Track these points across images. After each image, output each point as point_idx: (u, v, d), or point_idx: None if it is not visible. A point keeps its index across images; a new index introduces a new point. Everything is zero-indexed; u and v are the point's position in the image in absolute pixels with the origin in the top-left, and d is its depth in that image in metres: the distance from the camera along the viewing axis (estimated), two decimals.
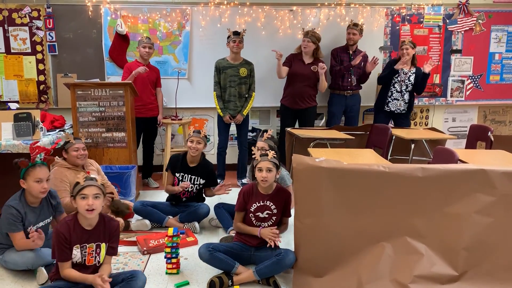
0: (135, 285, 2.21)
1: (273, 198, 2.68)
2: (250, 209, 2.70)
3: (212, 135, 5.20)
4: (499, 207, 2.30)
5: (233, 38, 4.28)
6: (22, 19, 4.74)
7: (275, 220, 2.70)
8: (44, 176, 2.58)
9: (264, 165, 2.58)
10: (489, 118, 5.62)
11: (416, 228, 2.36)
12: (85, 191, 2.15)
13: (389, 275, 2.31)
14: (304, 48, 4.51)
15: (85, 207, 2.14)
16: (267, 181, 2.60)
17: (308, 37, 4.47)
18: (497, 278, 2.32)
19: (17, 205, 2.55)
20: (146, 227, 3.36)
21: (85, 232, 2.22)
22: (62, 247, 2.16)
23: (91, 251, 2.23)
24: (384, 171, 2.32)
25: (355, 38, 4.69)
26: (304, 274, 2.43)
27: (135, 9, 4.81)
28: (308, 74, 4.55)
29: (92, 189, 2.17)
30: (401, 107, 4.67)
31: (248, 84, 4.47)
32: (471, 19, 5.23)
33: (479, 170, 2.31)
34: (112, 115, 3.94)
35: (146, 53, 4.39)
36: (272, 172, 2.60)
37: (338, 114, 4.90)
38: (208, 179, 3.50)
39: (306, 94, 4.61)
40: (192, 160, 3.45)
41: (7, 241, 2.60)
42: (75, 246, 2.19)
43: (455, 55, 5.32)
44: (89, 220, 2.22)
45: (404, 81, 4.59)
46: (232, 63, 4.40)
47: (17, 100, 4.85)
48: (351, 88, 4.79)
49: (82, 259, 2.22)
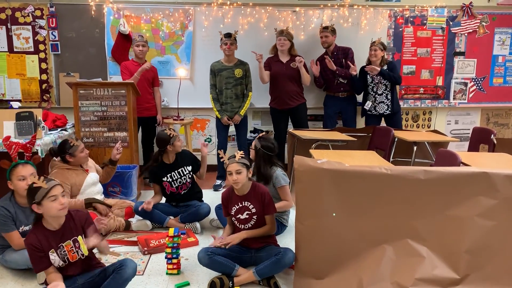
0: (124, 273, 2.20)
1: (250, 197, 2.65)
2: (231, 213, 2.69)
3: (214, 136, 5.20)
4: (502, 211, 2.28)
5: (225, 41, 4.29)
6: (25, 18, 4.76)
7: (256, 220, 2.65)
8: (27, 173, 2.56)
9: (233, 168, 2.57)
10: (492, 121, 5.60)
11: (418, 231, 2.34)
12: (53, 192, 2.09)
13: (390, 278, 2.29)
14: (281, 46, 4.52)
15: (58, 208, 2.09)
16: (238, 183, 2.58)
17: (283, 36, 4.48)
18: (499, 282, 2.31)
19: (7, 205, 2.54)
20: (147, 227, 3.36)
21: (54, 233, 2.17)
22: (37, 258, 2.12)
23: (70, 248, 2.19)
24: (386, 173, 2.31)
25: (328, 40, 4.68)
26: (305, 276, 2.42)
27: (138, 9, 4.82)
28: (289, 72, 4.55)
29: (58, 188, 2.12)
30: (388, 108, 4.62)
31: (244, 85, 4.46)
32: (474, 21, 5.22)
33: (482, 173, 2.29)
34: (114, 114, 3.94)
35: (140, 52, 4.38)
36: (242, 173, 2.58)
37: (333, 116, 4.90)
38: (193, 163, 3.53)
39: (292, 92, 4.60)
40: (169, 158, 3.45)
41: (4, 241, 2.60)
42: (50, 251, 2.14)
43: (458, 57, 5.31)
44: (57, 220, 2.17)
45: (380, 82, 4.56)
46: (226, 65, 4.40)
47: (19, 99, 4.87)
48: (345, 90, 4.78)
49: (64, 258, 2.17)
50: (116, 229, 3.26)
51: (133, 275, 2.25)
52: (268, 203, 2.64)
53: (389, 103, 4.60)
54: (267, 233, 2.68)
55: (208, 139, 5.28)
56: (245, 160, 2.63)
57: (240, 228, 2.68)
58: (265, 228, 2.67)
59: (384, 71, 4.47)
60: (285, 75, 4.55)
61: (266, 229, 2.67)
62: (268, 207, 2.65)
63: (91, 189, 3.35)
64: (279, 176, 3.13)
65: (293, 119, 4.75)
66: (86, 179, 3.32)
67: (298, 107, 4.66)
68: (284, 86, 4.57)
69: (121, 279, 2.20)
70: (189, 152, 3.62)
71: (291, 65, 4.54)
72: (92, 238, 2.23)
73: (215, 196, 4.14)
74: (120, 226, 3.29)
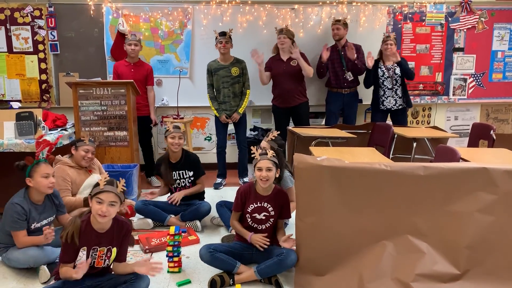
0: (138, 286, 2.19)
1: (271, 199, 2.64)
2: (247, 210, 2.67)
3: (213, 134, 5.20)
4: (501, 206, 2.29)
5: (220, 39, 4.27)
6: (24, 18, 4.76)
7: (272, 223, 2.65)
8: (50, 171, 2.62)
9: (264, 164, 2.56)
10: (491, 117, 5.60)
11: (418, 227, 2.35)
12: (102, 196, 2.10)
13: (391, 274, 2.30)
14: (281, 44, 4.49)
15: (97, 212, 2.09)
16: (267, 180, 2.57)
17: (283, 34, 4.46)
18: (499, 277, 2.32)
19: (22, 202, 2.56)
20: (148, 225, 3.37)
21: (96, 235, 2.18)
22: (68, 249, 2.13)
23: (101, 254, 2.20)
24: (386, 170, 2.32)
25: (339, 32, 4.68)
26: (306, 273, 2.43)
27: (136, 8, 4.81)
28: (290, 71, 4.53)
29: (109, 196, 2.11)
30: (396, 103, 4.64)
31: (241, 83, 4.46)
32: (473, 17, 5.22)
33: (481, 168, 2.30)
34: (114, 114, 3.94)
35: (132, 51, 4.37)
36: (272, 171, 2.58)
37: (336, 112, 4.90)
38: (195, 169, 3.51)
39: (294, 91, 4.59)
40: (175, 156, 3.46)
41: (9, 241, 2.60)
42: (82, 248, 2.14)
43: (458, 53, 5.31)
44: (102, 224, 2.17)
45: (392, 77, 4.57)
46: (223, 64, 4.39)
47: (19, 99, 4.87)
48: (348, 86, 4.78)
49: (92, 261, 2.17)
50: None
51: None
52: (287, 210, 2.68)
53: (398, 98, 4.61)
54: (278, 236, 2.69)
55: (208, 138, 5.29)
56: (276, 159, 2.63)
57: (253, 227, 2.67)
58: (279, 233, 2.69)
59: (404, 61, 4.51)
60: (286, 74, 4.54)
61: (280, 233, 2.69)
62: (286, 213, 2.69)
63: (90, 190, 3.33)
64: (287, 178, 3.18)
65: (294, 118, 4.75)
66: (87, 179, 3.32)
67: (300, 105, 4.65)
68: (285, 84, 4.56)
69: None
70: (197, 158, 3.56)
71: (291, 63, 4.54)
72: (142, 268, 2.22)
73: (216, 195, 4.15)
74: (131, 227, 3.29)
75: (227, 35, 4.29)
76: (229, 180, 4.68)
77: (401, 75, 4.57)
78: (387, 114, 4.75)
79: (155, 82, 4.92)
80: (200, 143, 5.28)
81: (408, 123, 5.43)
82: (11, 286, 2.50)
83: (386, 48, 4.52)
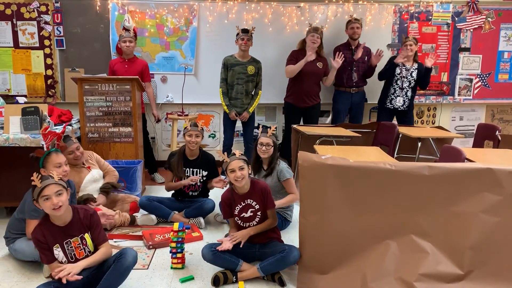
0: (125, 261, 2.20)
1: (252, 194, 2.65)
2: (235, 213, 2.68)
3: (218, 131, 5.21)
4: (506, 207, 2.28)
5: (242, 36, 4.26)
6: (31, 13, 4.77)
7: (260, 216, 2.65)
8: (62, 160, 2.67)
9: (236, 164, 2.56)
10: (497, 117, 5.58)
11: (422, 227, 2.35)
12: (45, 192, 2.08)
13: (394, 273, 2.30)
14: (313, 43, 4.45)
15: (51, 207, 2.08)
16: (243, 179, 2.57)
17: (318, 33, 4.44)
18: (503, 278, 2.31)
19: None
20: (152, 221, 3.38)
21: (60, 229, 2.18)
22: (43, 251, 2.14)
23: (77, 244, 2.21)
24: (391, 169, 2.31)
25: (359, 31, 4.67)
26: (309, 271, 2.43)
27: (142, 5, 4.82)
28: (315, 72, 4.54)
29: (52, 188, 2.09)
30: (404, 104, 4.63)
31: (255, 82, 4.46)
32: (480, 17, 5.19)
33: (486, 169, 2.29)
34: (119, 110, 3.95)
35: (126, 48, 4.36)
36: (245, 169, 2.58)
37: (343, 111, 4.89)
38: (210, 170, 3.51)
39: (313, 92, 4.61)
40: (192, 153, 3.46)
41: (21, 229, 2.62)
42: (54, 246, 2.15)
43: (464, 53, 5.28)
44: (61, 217, 2.17)
45: (406, 77, 4.56)
46: (240, 60, 4.39)
47: (25, 94, 4.89)
48: (357, 85, 4.77)
49: (70, 255, 2.19)
50: (121, 223, 3.28)
51: (134, 263, 2.25)
52: (268, 197, 2.65)
53: (407, 100, 4.61)
54: (270, 226, 2.68)
55: (212, 135, 5.29)
56: (244, 157, 2.64)
57: (245, 227, 2.68)
58: (268, 222, 2.67)
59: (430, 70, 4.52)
60: (311, 74, 4.53)
61: (269, 222, 2.68)
62: (269, 202, 2.66)
63: (92, 186, 3.33)
64: (284, 169, 3.16)
65: (306, 118, 4.75)
66: (87, 176, 3.31)
67: (314, 106, 4.67)
68: (306, 84, 4.56)
69: (122, 268, 2.20)
70: (213, 159, 3.55)
71: (317, 64, 4.53)
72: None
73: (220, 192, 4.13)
74: (125, 221, 3.30)
75: (249, 32, 4.28)
76: None
77: (416, 79, 4.57)
78: (394, 113, 4.74)
79: (160, 78, 4.93)
80: (204, 140, 5.29)
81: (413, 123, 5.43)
82: (15, 280, 2.51)
83: (406, 49, 4.51)
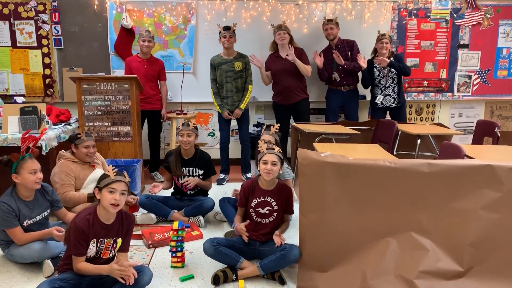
0: (141, 279, 2.19)
1: (274, 194, 2.66)
2: (251, 205, 2.69)
3: (217, 130, 5.20)
4: (506, 203, 2.28)
5: (224, 33, 4.27)
6: (28, 13, 4.76)
7: (276, 217, 2.67)
8: (37, 167, 2.58)
9: (270, 158, 2.57)
10: (496, 114, 5.58)
11: (422, 224, 2.34)
12: (114, 185, 2.15)
13: (394, 271, 2.30)
14: (281, 40, 4.46)
15: (111, 201, 2.13)
16: (271, 174, 2.58)
17: (283, 30, 4.44)
18: (502, 274, 2.31)
19: (9, 201, 2.52)
20: (152, 220, 3.38)
21: (103, 227, 2.21)
22: (79, 242, 2.14)
23: (108, 245, 2.24)
24: (390, 166, 2.31)
25: (333, 32, 4.64)
26: (309, 269, 2.43)
27: (140, 3, 4.81)
28: (289, 68, 4.50)
29: (121, 185, 2.17)
30: (394, 102, 4.61)
31: (244, 78, 4.45)
32: (479, 13, 5.18)
33: (486, 165, 2.28)
34: (118, 109, 3.95)
35: (145, 47, 4.37)
36: (277, 166, 2.59)
37: (335, 109, 4.88)
38: (206, 168, 3.50)
39: (293, 87, 4.57)
40: (187, 153, 3.45)
41: (7, 237, 2.59)
42: (92, 240, 2.18)
43: (462, 50, 5.28)
44: (109, 215, 2.22)
45: (388, 75, 4.55)
46: (226, 58, 4.38)
47: (23, 93, 4.89)
48: (347, 83, 4.76)
49: (98, 253, 2.21)
50: None
51: (148, 283, 2.25)
52: (290, 203, 2.71)
53: (396, 96, 4.59)
54: (285, 231, 2.73)
55: (211, 133, 5.29)
56: (281, 155, 2.65)
57: (256, 221, 2.69)
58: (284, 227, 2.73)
59: (394, 63, 4.45)
60: (285, 71, 4.52)
61: (285, 227, 2.74)
62: (290, 208, 2.73)
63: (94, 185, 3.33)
64: (285, 169, 3.17)
65: (295, 114, 4.73)
66: (91, 174, 3.32)
67: (301, 102, 4.64)
68: (285, 81, 4.55)
69: (136, 286, 2.16)
70: (209, 158, 3.54)
71: (290, 60, 4.53)
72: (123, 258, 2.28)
73: (219, 190, 4.16)
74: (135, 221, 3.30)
75: (231, 29, 4.28)
76: (232, 176, 4.68)
77: (397, 73, 4.55)
78: (386, 111, 4.75)
79: None
80: (203, 139, 5.28)
81: (412, 120, 5.44)
82: (15, 280, 2.51)
83: (381, 47, 4.49)
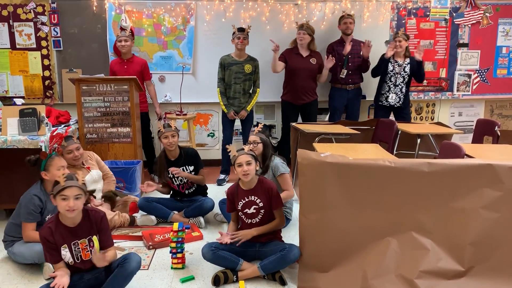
0: (129, 267, 2.21)
1: (257, 191, 2.64)
2: (238, 208, 2.68)
3: (216, 130, 5.20)
4: (506, 202, 2.28)
5: (238, 35, 4.26)
6: (27, 14, 4.75)
7: (264, 214, 2.64)
8: (64, 163, 2.72)
9: (243, 159, 2.56)
10: (496, 113, 5.57)
11: (422, 224, 2.34)
12: (65, 192, 2.09)
13: (395, 270, 2.30)
14: (300, 40, 4.48)
15: (65, 208, 2.10)
16: (248, 174, 2.57)
17: (303, 30, 4.44)
18: (503, 274, 2.31)
19: (40, 194, 2.63)
20: (152, 222, 3.37)
21: (70, 230, 2.19)
22: (48, 251, 2.15)
23: (84, 246, 2.22)
24: (390, 166, 2.31)
25: (352, 27, 4.67)
26: (309, 269, 2.43)
27: (139, 4, 4.80)
28: (308, 68, 4.53)
29: (73, 190, 2.10)
30: (400, 101, 4.62)
31: (252, 81, 4.45)
32: (478, 12, 5.18)
33: (486, 165, 2.28)
34: (117, 110, 3.94)
35: (121, 47, 4.35)
36: (252, 164, 2.58)
37: (340, 109, 4.88)
38: (195, 163, 3.50)
39: (308, 88, 4.60)
40: (172, 154, 3.46)
41: (17, 233, 2.64)
42: (62, 246, 2.16)
43: (462, 49, 5.28)
44: (72, 218, 2.18)
45: (400, 73, 4.55)
46: (237, 59, 4.38)
47: (22, 95, 4.88)
48: (353, 82, 4.76)
49: (76, 256, 2.20)
50: (120, 224, 3.27)
51: (138, 268, 2.26)
52: (275, 197, 2.63)
53: (402, 96, 4.59)
54: (277, 227, 2.67)
55: (211, 134, 5.28)
56: (253, 152, 2.65)
57: (247, 222, 2.68)
58: (275, 223, 2.66)
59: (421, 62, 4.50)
60: (304, 71, 4.52)
61: (276, 223, 2.66)
62: (276, 202, 2.63)
63: (92, 187, 3.31)
64: (279, 164, 3.14)
65: (303, 114, 4.74)
66: (86, 177, 3.29)
67: (311, 103, 4.66)
68: (302, 81, 4.55)
69: (126, 273, 2.21)
70: (195, 152, 3.56)
71: (310, 61, 4.52)
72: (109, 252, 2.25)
73: (219, 191, 4.15)
74: (125, 221, 3.30)
75: (245, 31, 4.28)
76: (233, 177, 4.67)
77: (410, 74, 4.55)
78: (390, 110, 4.73)
79: (158, 78, 4.91)
80: (203, 140, 5.28)
81: (412, 119, 5.43)
82: (15, 282, 2.51)
83: (395, 46, 4.49)
